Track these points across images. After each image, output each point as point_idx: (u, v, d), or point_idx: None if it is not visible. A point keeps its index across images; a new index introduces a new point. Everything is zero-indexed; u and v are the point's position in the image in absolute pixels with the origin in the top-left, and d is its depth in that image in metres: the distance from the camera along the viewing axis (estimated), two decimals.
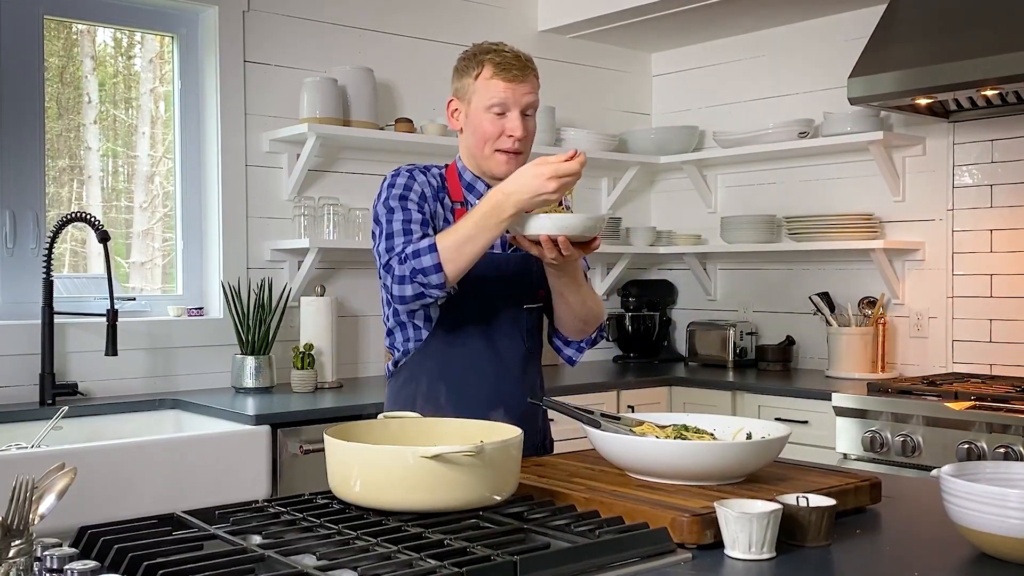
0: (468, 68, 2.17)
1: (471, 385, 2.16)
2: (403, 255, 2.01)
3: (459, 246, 1.96)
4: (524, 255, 2.14)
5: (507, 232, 2.02)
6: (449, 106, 2.23)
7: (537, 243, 1.96)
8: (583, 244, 1.99)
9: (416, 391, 2.19)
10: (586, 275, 2.33)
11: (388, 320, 2.24)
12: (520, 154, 2.16)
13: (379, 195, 2.18)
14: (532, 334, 2.26)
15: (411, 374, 2.22)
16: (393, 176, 2.19)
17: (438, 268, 1.96)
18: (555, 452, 2.29)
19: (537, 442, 2.26)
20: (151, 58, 3.78)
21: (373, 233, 2.16)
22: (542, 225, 1.94)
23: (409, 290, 1.99)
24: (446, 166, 2.26)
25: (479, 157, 2.18)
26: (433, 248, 1.97)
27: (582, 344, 2.34)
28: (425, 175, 2.20)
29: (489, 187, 2.18)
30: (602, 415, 1.87)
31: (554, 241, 1.94)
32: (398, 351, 2.24)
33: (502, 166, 2.15)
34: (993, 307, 3.79)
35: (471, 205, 2.18)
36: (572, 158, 1.92)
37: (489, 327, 2.19)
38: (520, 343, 2.23)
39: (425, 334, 2.19)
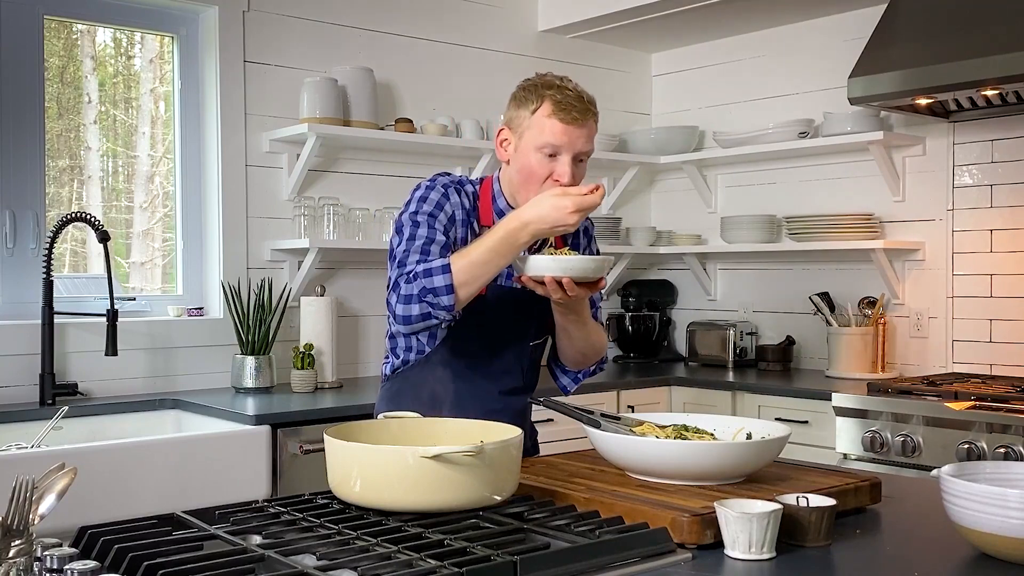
0: (526, 100, 2.06)
1: (460, 409, 2.10)
2: (412, 274, 1.95)
3: (471, 269, 1.92)
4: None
5: (509, 268, 2.00)
6: (499, 135, 2.11)
7: (542, 283, 1.92)
8: (589, 283, 1.95)
9: (406, 403, 2.13)
10: (598, 308, 2.29)
11: (392, 324, 2.18)
12: None
13: (408, 204, 2.11)
14: (532, 369, 2.24)
15: (404, 385, 2.19)
16: (427, 188, 2.11)
17: (450, 289, 1.91)
18: (556, 452, 2.28)
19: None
20: (151, 58, 3.78)
21: (391, 244, 2.10)
22: (546, 267, 1.91)
23: (416, 309, 1.94)
24: (481, 181, 2.19)
25: (520, 196, 2.08)
26: (447, 268, 1.92)
27: (579, 375, 2.31)
28: (459, 195, 2.11)
29: None
30: (602, 415, 1.87)
31: (559, 282, 1.90)
32: (397, 358, 2.21)
33: None
34: (993, 307, 3.78)
35: None
36: (594, 191, 1.89)
37: (491, 357, 2.15)
38: (519, 377, 2.20)
39: (428, 349, 2.16)
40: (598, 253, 2.32)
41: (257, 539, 1.44)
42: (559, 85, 2.05)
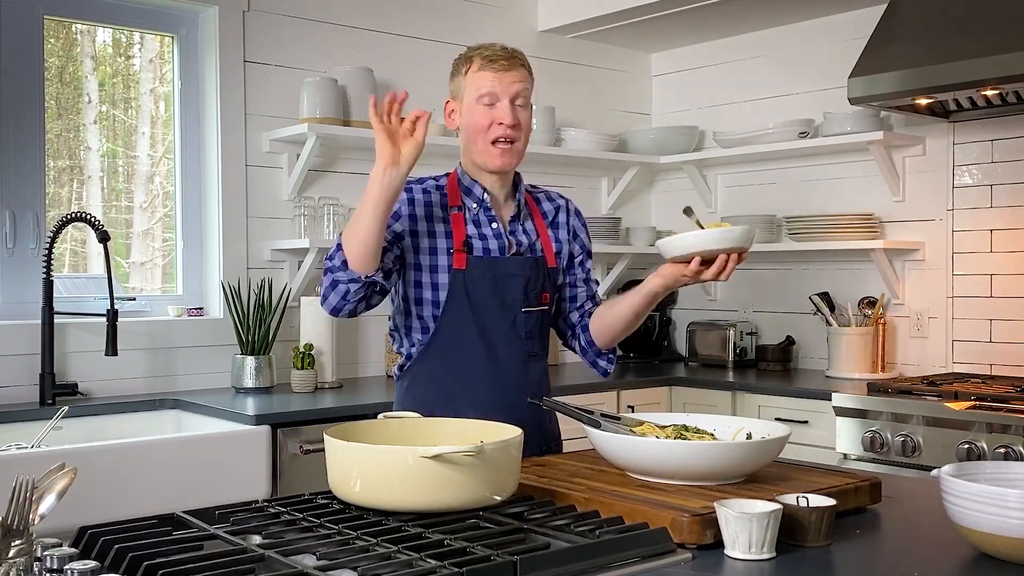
0: (459, 67, 2.22)
1: (471, 389, 2.17)
2: (324, 269, 2.10)
3: (350, 229, 2.02)
4: (522, 259, 2.19)
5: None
6: (447, 107, 2.25)
7: (695, 261, 2.02)
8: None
9: (419, 395, 2.20)
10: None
11: (391, 324, 2.29)
12: (514, 143, 2.16)
13: None
14: (533, 337, 2.25)
15: (414, 378, 2.23)
16: None
17: (338, 247, 2.04)
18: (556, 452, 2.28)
19: (543, 445, 2.25)
20: (151, 58, 3.78)
21: None
22: (733, 237, 1.99)
23: (330, 292, 2.08)
24: (448, 175, 2.27)
25: (475, 152, 2.19)
26: (339, 245, 2.06)
27: (611, 355, 2.37)
28: (410, 191, 2.20)
29: (485, 189, 2.21)
30: (602, 415, 1.87)
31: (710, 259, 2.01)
32: (402, 355, 2.27)
33: (496, 159, 2.16)
34: (993, 307, 3.78)
35: (468, 209, 2.21)
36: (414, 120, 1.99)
37: (486, 331, 2.18)
38: (519, 347, 2.22)
39: (426, 338, 2.20)
40: (589, 241, 2.42)
41: (257, 539, 1.44)
42: (484, 45, 2.22)
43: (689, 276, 2.05)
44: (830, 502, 1.51)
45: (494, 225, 2.21)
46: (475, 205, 2.21)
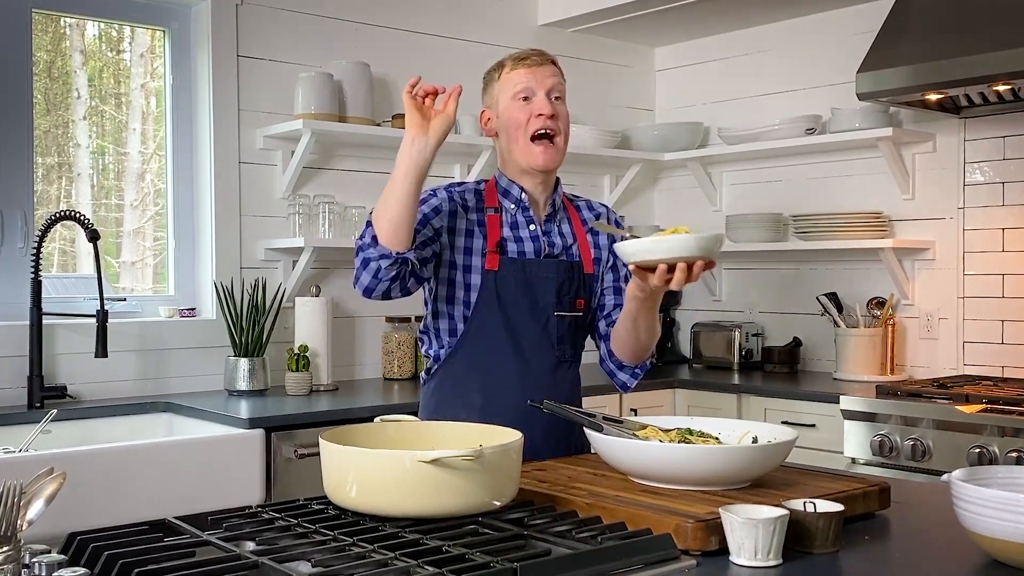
0: (492, 74, 2.26)
1: (498, 393, 2.16)
2: (355, 248, 2.06)
3: (380, 205, 1.99)
4: (557, 262, 2.19)
5: (622, 261, 1.96)
6: (482, 117, 2.28)
7: (652, 270, 1.89)
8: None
9: (445, 398, 2.21)
10: None
11: (421, 327, 2.29)
12: (556, 137, 2.16)
13: None
14: (564, 342, 2.23)
15: (440, 381, 2.24)
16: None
17: (369, 226, 2.01)
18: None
19: (568, 454, 2.20)
20: (142, 52, 3.75)
21: None
22: (686, 246, 1.84)
23: (361, 271, 2.02)
24: (487, 181, 2.29)
25: (516, 153, 2.18)
26: (369, 223, 2.03)
27: (637, 370, 2.29)
28: (449, 192, 2.21)
29: (523, 190, 2.21)
30: (604, 418, 1.86)
31: (689, 265, 1.87)
32: (430, 357, 2.27)
33: (539, 157, 2.16)
34: (1005, 308, 3.75)
35: (505, 211, 2.21)
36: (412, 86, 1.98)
37: (515, 333, 2.18)
38: (550, 351, 2.21)
39: (455, 340, 2.21)
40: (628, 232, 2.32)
41: (251, 545, 1.43)
42: (514, 49, 2.29)
43: (638, 282, 1.96)
44: (838, 507, 1.50)
45: (532, 227, 2.22)
46: (513, 206, 2.22)
